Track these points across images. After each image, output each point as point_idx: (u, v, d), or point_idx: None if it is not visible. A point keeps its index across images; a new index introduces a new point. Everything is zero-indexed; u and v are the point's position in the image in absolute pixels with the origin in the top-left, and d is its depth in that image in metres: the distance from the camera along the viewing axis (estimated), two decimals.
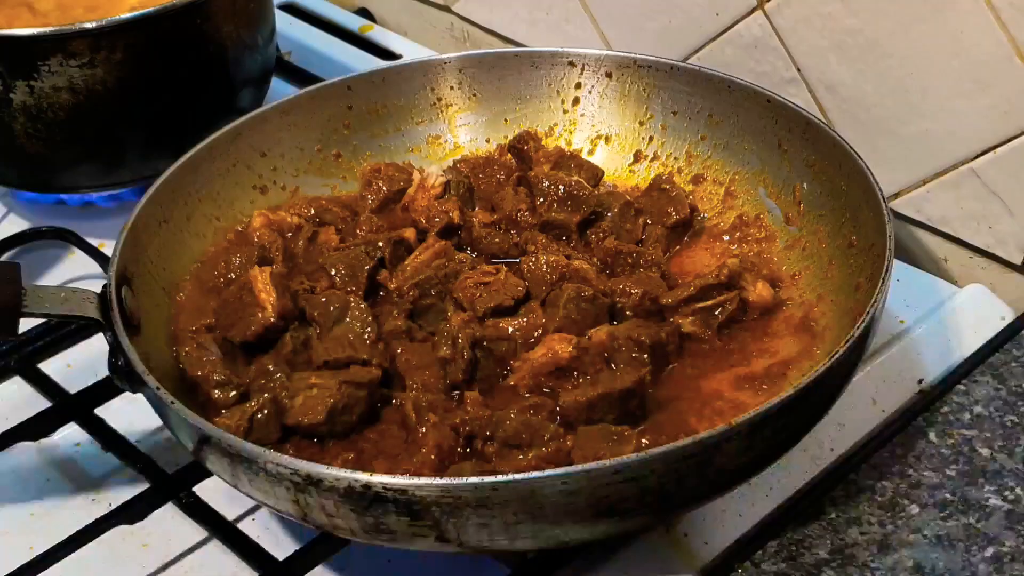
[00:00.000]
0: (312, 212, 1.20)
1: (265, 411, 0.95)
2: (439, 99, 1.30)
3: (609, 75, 1.27)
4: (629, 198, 1.18)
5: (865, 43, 1.26)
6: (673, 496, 0.84)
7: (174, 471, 1.04)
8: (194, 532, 1.02)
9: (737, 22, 1.36)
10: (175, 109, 1.29)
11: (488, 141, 1.31)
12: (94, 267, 1.27)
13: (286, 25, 1.74)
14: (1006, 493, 1.01)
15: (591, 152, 1.28)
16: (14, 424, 1.09)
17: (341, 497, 0.83)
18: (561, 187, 1.16)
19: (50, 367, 1.18)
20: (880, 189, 1.03)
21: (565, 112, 1.29)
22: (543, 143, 1.27)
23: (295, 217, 1.19)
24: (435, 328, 1.05)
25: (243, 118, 1.21)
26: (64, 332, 1.20)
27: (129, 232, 1.05)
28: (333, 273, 1.09)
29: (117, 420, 1.10)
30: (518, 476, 0.80)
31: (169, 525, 1.03)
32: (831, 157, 1.10)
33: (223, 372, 1.01)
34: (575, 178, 1.17)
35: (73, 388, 1.13)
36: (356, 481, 0.81)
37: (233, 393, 1.00)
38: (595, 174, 1.22)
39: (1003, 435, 1.06)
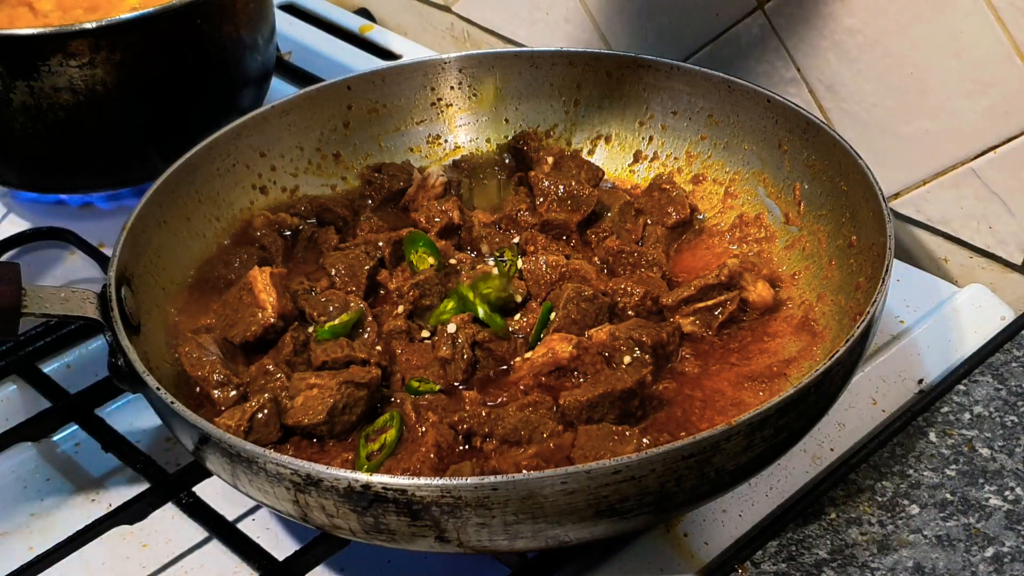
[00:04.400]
0: (312, 212, 1.20)
1: (265, 411, 0.95)
2: (439, 99, 1.30)
3: (609, 75, 1.27)
4: (629, 198, 1.18)
5: (865, 43, 1.26)
6: (673, 496, 0.84)
7: (174, 471, 1.04)
8: (194, 532, 1.02)
9: (737, 22, 1.36)
10: (175, 109, 1.29)
11: (488, 141, 1.31)
12: (94, 267, 1.27)
13: (286, 25, 1.74)
14: (1006, 493, 1.01)
15: (591, 152, 1.28)
16: (14, 424, 1.09)
17: (341, 497, 0.83)
18: (561, 187, 1.16)
19: (50, 367, 1.18)
20: (880, 189, 1.03)
21: (565, 112, 1.29)
22: (543, 143, 1.27)
23: (295, 217, 1.19)
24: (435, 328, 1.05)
25: (243, 118, 1.21)
26: (64, 332, 1.20)
27: (129, 232, 1.05)
28: (333, 273, 1.10)
29: (117, 420, 1.10)
30: (518, 476, 0.80)
31: (169, 525, 1.03)
32: (831, 157, 1.10)
33: (223, 372, 1.01)
34: (575, 178, 1.17)
35: (73, 388, 1.13)
36: (356, 481, 0.81)
37: (233, 393, 1.00)
38: (595, 174, 1.23)
39: (1003, 435, 1.06)
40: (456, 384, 1.01)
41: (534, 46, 1.33)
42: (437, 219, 1.16)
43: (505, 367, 1.02)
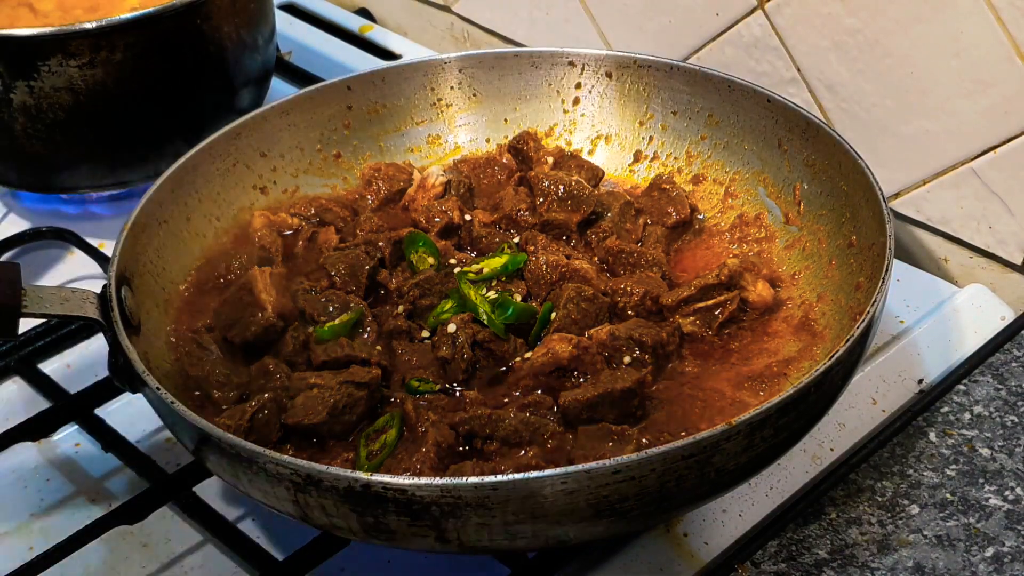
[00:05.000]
0: (312, 212, 1.21)
1: (265, 411, 0.95)
2: (439, 99, 1.30)
3: (609, 75, 1.27)
4: (629, 198, 1.18)
5: (865, 43, 1.26)
6: (673, 496, 0.84)
7: (174, 471, 1.04)
8: (194, 532, 1.02)
9: (737, 22, 1.36)
10: (175, 109, 1.29)
11: (488, 141, 1.31)
12: (94, 267, 1.27)
13: (286, 25, 1.74)
14: (1006, 493, 1.01)
15: (591, 152, 1.28)
16: (14, 424, 1.09)
17: (341, 497, 0.83)
18: (561, 187, 1.16)
19: (50, 367, 1.18)
20: (880, 189, 1.03)
21: (565, 112, 1.29)
22: (543, 143, 1.27)
23: (295, 217, 1.19)
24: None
25: (243, 118, 1.21)
26: (64, 332, 1.20)
27: (129, 232, 1.05)
28: (333, 273, 1.09)
29: (117, 420, 1.10)
30: (518, 476, 0.80)
31: (169, 525, 1.03)
32: (831, 157, 1.10)
33: (223, 372, 1.01)
34: (575, 178, 1.17)
35: (73, 388, 1.13)
36: (356, 481, 0.81)
37: (233, 393, 1.00)
38: (595, 174, 1.23)
39: (1003, 435, 1.06)
40: (456, 384, 1.01)
41: (534, 46, 1.33)
42: (437, 219, 1.16)
43: (505, 367, 1.02)
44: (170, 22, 1.23)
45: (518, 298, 1.06)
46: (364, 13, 1.84)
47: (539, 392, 0.99)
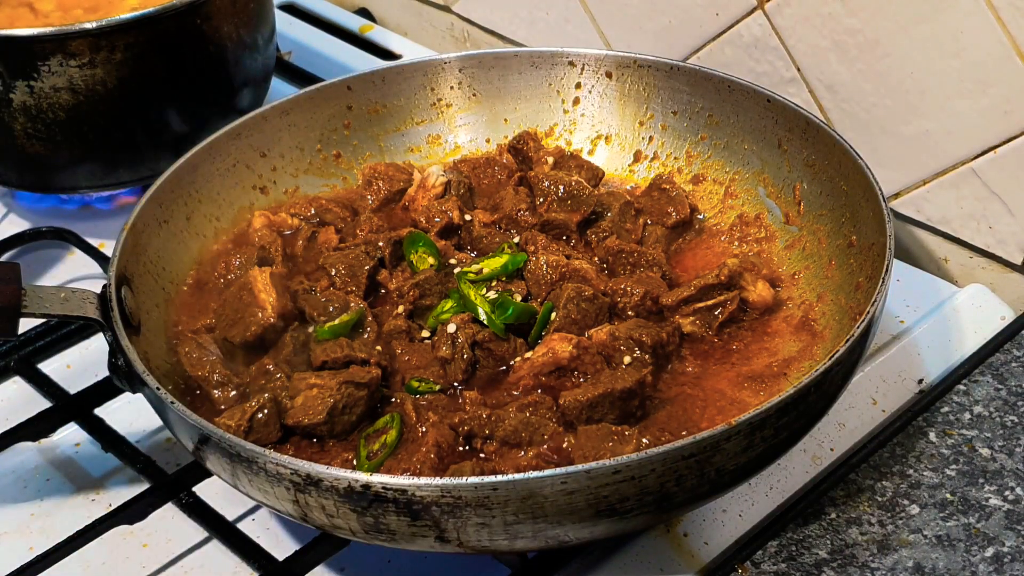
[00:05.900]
0: (312, 212, 1.21)
1: (265, 411, 0.95)
2: (439, 99, 1.30)
3: (609, 75, 1.27)
4: (629, 198, 1.18)
5: (865, 43, 1.26)
6: (673, 496, 0.84)
7: (174, 471, 1.04)
8: (194, 532, 1.02)
9: (737, 22, 1.36)
10: (175, 109, 1.29)
11: (488, 141, 1.31)
12: (94, 267, 1.27)
13: (286, 25, 1.74)
14: (1006, 493, 1.01)
15: (591, 152, 1.28)
16: (14, 424, 1.09)
17: (341, 497, 0.83)
18: (561, 187, 1.16)
19: (50, 367, 1.18)
20: (880, 189, 1.03)
21: (565, 112, 1.29)
22: (543, 143, 1.28)
23: (295, 217, 1.19)
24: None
25: (243, 118, 1.21)
26: (64, 332, 1.20)
27: (129, 232, 1.05)
28: (333, 273, 1.10)
29: (117, 420, 1.10)
30: (518, 476, 0.80)
31: (169, 525, 1.03)
32: (831, 157, 1.10)
33: (223, 372, 1.01)
34: (575, 178, 1.17)
35: (73, 388, 1.13)
36: (356, 481, 0.82)
37: (233, 393, 1.00)
38: (595, 174, 1.23)
39: (1003, 435, 1.06)
40: (456, 384, 1.01)
41: (534, 46, 1.33)
42: (437, 219, 1.16)
43: (505, 367, 1.02)
44: (170, 22, 1.23)
45: (518, 298, 1.06)
46: (364, 13, 1.84)
47: (539, 392, 0.99)
